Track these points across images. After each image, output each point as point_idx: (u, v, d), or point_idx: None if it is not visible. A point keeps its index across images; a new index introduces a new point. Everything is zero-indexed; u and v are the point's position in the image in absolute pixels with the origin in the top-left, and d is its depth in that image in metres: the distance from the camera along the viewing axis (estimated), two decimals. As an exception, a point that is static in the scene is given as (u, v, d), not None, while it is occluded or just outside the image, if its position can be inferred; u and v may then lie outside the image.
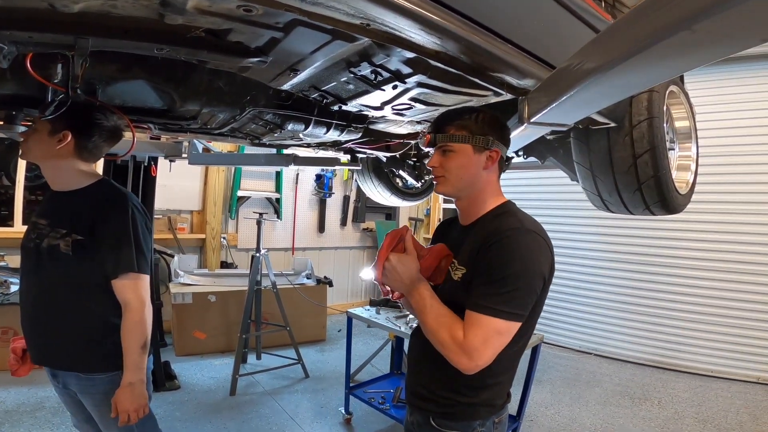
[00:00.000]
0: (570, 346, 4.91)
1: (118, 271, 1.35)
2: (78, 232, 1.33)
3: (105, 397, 1.37)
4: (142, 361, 1.37)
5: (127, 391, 1.34)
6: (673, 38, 0.63)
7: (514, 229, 1.06)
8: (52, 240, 1.33)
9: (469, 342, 1.00)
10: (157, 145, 2.53)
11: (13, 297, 3.29)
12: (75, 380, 1.39)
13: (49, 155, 1.33)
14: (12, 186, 4.13)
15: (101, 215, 1.35)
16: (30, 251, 1.38)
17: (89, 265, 1.34)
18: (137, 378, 1.35)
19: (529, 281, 1.02)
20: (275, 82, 1.25)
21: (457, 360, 1.02)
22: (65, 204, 1.38)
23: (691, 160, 2.01)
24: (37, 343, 1.41)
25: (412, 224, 6.61)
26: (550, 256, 1.08)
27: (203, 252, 4.88)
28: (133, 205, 1.40)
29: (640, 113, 1.53)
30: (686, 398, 3.71)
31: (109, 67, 1.11)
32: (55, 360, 1.40)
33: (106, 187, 1.43)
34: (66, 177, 1.38)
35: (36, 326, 1.39)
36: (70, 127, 1.31)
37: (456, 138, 1.13)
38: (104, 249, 1.34)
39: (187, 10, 0.76)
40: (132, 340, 1.35)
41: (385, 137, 2.09)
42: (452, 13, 0.88)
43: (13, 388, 3.07)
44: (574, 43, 1.31)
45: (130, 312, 1.35)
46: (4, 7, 0.73)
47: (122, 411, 1.33)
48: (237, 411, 3.12)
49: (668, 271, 4.37)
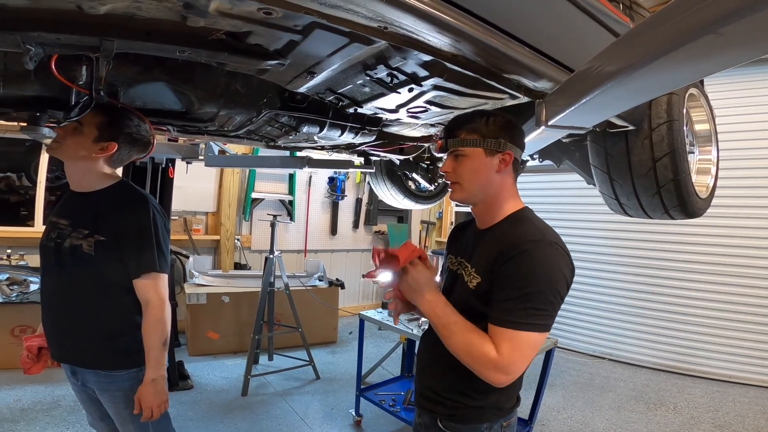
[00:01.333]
0: (583, 351, 4.84)
1: (140, 270, 1.37)
2: (100, 233, 1.35)
3: (123, 394, 1.39)
4: (163, 358, 1.40)
5: (150, 387, 1.36)
6: (699, 41, 0.62)
7: (535, 242, 1.05)
8: (74, 240, 1.36)
9: (504, 358, 0.99)
10: (174, 147, 2.57)
11: (32, 296, 3.36)
12: (94, 377, 1.41)
13: (84, 158, 1.36)
14: (32, 187, 4.22)
15: (124, 216, 1.38)
16: (50, 251, 1.41)
17: (110, 265, 1.36)
18: (159, 374, 1.38)
19: (554, 292, 1.02)
20: (292, 85, 1.26)
21: (492, 376, 1.01)
22: (86, 205, 1.41)
23: (711, 164, 1.98)
24: (59, 341, 1.43)
25: (423, 227, 6.60)
26: (571, 264, 1.08)
27: (217, 253, 4.93)
28: (153, 207, 1.43)
29: (659, 116, 1.51)
30: (703, 403, 3.64)
31: (131, 69, 1.13)
32: (75, 357, 1.42)
33: (127, 189, 1.46)
34: (91, 179, 1.41)
35: (57, 324, 1.42)
36: (117, 139, 1.35)
37: (467, 142, 1.13)
38: (126, 249, 1.36)
39: (209, 13, 0.77)
40: (153, 337, 1.38)
41: (398, 140, 2.09)
42: (470, 16, 0.88)
43: (30, 386, 3.11)
44: (592, 45, 1.30)
45: (152, 310, 1.38)
46: (32, 7, 0.75)
47: (146, 407, 1.36)
48: (248, 411, 3.14)
49: (685, 276, 4.29)
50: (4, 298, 3.28)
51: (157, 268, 1.39)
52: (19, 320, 3.34)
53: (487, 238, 1.15)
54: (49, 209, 4.09)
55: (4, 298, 3.28)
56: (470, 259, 1.17)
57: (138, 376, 1.38)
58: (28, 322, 3.34)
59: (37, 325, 1.52)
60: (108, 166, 1.42)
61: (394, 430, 3.02)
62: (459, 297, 1.14)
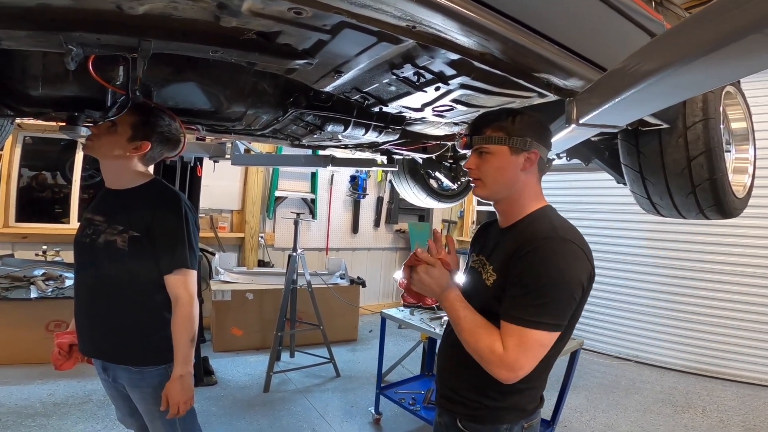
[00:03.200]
0: (609, 353, 4.74)
1: (172, 266, 1.40)
2: (135, 229, 1.38)
3: (153, 390, 1.42)
4: (191, 355, 1.42)
5: (177, 384, 1.38)
6: (742, 41, 0.60)
7: (547, 238, 1.03)
8: (109, 236, 1.39)
9: (509, 355, 0.99)
10: (203, 146, 2.63)
11: (67, 291, 3.45)
12: (126, 373, 1.43)
13: (118, 156, 1.39)
14: (67, 185, 4.38)
15: (158, 214, 1.41)
16: (85, 246, 1.44)
17: (143, 261, 1.39)
18: (186, 371, 1.40)
19: (566, 290, 1.00)
20: (319, 84, 1.27)
21: (498, 372, 1.02)
22: (121, 202, 1.44)
23: (748, 163, 1.91)
24: (92, 337, 1.46)
25: (445, 226, 6.56)
26: (588, 264, 1.05)
27: (242, 250, 5.02)
28: (185, 204, 1.46)
29: (695, 114, 1.46)
30: (733, 407, 3.53)
31: (164, 69, 1.16)
32: (108, 353, 1.45)
33: (161, 187, 1.49)
34: (125, 176, 1.44)
35: (91, 320, 1.45)
36: (150, 139, 1.38)
37: (493, 139, 1.12)
38: (160, 246, 1.39)
39: (241, 13, 0.78)
40: (182, 333, 1.40)
41: (422, 139, 2.09)
42: (500, 15, 0.87)
43: (63, 381, 3.19)
44: (624, 43, 1.27)
45: (181, 306, 1.40)
46: (74, 8, 0.78)
47: (173, 404, 1.38)
48: (270, 408, 3.18)
49: (715, 277, 4.16)
50: (39, 293, 3.37)
51: (188, 265, 1.42)
52: (53, 315, 3.40)
53: (507, 237, 1.15)
54: (84, 206, 4.25)
55: (40, 293, 3.37)
56: (490, 257, 1.16)
57: (167, 372, 1.41)
58: (63, 317, 3.39)
59: (71, 319, 1.56)
60: (141, 164, 1.45)
61: (413, 428, 3.02)
62: (477, 295, 1.14)
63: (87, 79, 1.03)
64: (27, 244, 3.96)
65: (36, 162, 4.53)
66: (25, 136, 4.08)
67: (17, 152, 4.02)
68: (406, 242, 6.19)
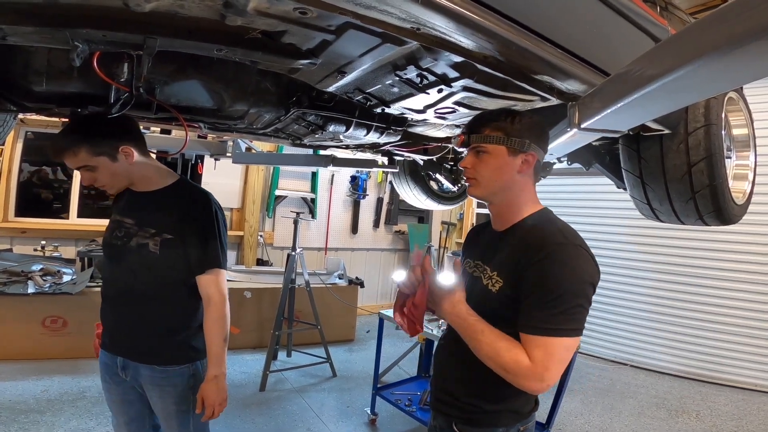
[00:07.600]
0: (604, 356, 4.76)
1: (204, 266, 1.39)
2: (167, 231, 1.37)
3: (173, 389, 1.41)
4: (224, 355, 1.40)
5: (213, 384, 1.36)
6: (748, 47, 0.60)
7: (561, 244, 1.03)
8: (141, 239, 1.38)
9: (538, 366, 0.97)
10: (204, 144, 2.63)
11: (64, 287, 3.42)
12: (148, 372, 1.41)
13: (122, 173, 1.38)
14: (67, 180, 4.38)
15: (190, 214, 1.40)
16: (116, 249, 1.42)
17: (175, 262, 1.38)
18: (221, 371, 1.38)
19: (583, 296, 1.00)
20: (322, 84, 1.27)
21: (527, 384, 0.99)
22: (150, 203, 1.43)
23: (748, 169, 1.91)
24: (119, 336, 1.44)
25: (444, 228, 6.56)
26: (596, 266, 1.05)
27: (241, 249, 5.02)
28: (214, 203, 1.45)
29: (696, 120, 1.46)
30: (726, 411, 3.56)
31: (167, 67, 1.16)
32: (134, 352, 1.42)
33: (189, 187, 1.48)
34: (146, 179, 1.43)
35: (119, 319, 1.44)
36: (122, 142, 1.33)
37: (490, 139, 1.10)
38: (191, 245, 1.38)
39: (247, 12, 0.78)
40: (215, 333, 1.38)
41: (423, 140, 2.09)
42: (503, 17, 0.87)
43: (57, 377, 3.18)
44: (628, 47, 1.27)
45: (213, 306, 1.39)
46: (81, 4, 0.78)
47: (209, 405, 1.35)
48: (265, 407, 3.18)
49: (711, 283, 4.19)
50: (36, 288, 3.34)
51: (220, 264, 1.41)
52: (50, 311, 3.36)
53: (507, 240, 1.13)
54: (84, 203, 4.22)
55: (37, 288, 3.34)
56: (490, 262, 1.14)
57: (189, 372, 1.40)
58: (60, 312, 3.35)
59: (68, 315, 1.55)
60: (146, 162, 1.43)
61: (409, 430, 3.02)
62: (479, 301, 1.11)
63: (91, 76, 1.03)
64: (26, 238, 3.96)
65: (37, 157, 4.52)
66: (27, 131, 4.08)
67: (18, 147, 4.01)
68: (405, 243, 6.19)
